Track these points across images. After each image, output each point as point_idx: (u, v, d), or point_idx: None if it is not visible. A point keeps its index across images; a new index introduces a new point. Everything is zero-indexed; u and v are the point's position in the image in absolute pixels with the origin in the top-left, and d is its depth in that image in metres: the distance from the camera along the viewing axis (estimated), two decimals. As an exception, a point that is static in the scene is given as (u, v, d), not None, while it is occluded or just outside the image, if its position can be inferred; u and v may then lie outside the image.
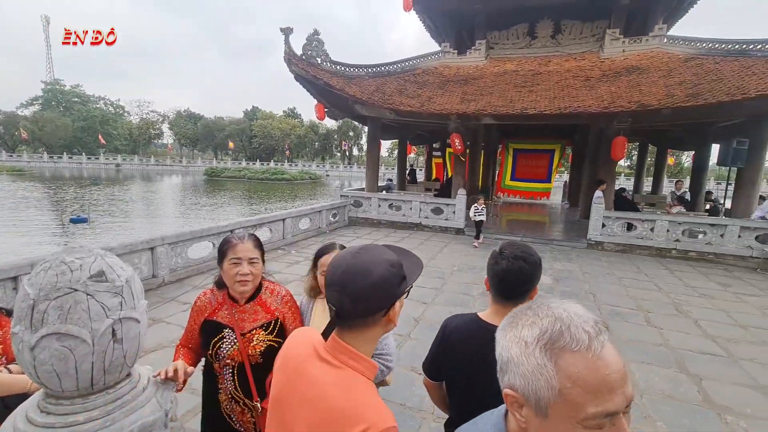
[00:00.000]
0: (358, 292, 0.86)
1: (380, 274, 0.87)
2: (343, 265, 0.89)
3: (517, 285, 1.39)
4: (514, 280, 1.38)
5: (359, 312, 0.88)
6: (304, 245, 9.26)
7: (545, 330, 0.63)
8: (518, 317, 0.68)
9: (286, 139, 73.77)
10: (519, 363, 0.63)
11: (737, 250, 8.85)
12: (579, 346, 0.60)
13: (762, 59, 8.98)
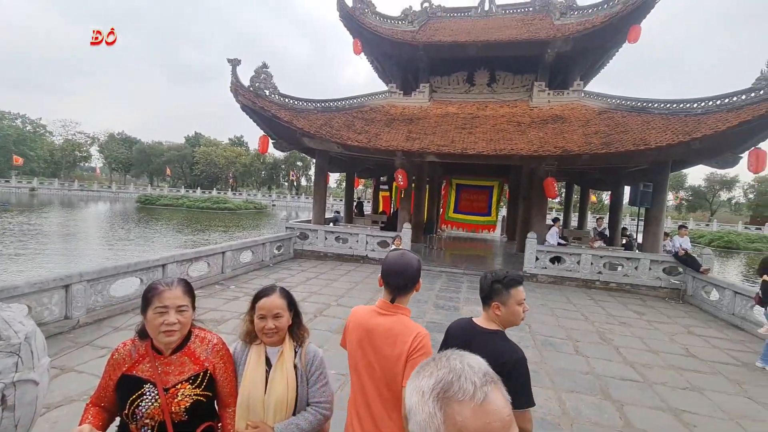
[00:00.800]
0: (410, 275, 1.68)
1: (416, 265, 1.71)
2: (399, 262, 1.69)
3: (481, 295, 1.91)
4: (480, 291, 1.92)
5: (409, 286, 1.69)
6: (245, 280, 8.83)
7: (439, 380, 0.66)
8: (423, 367, 0.72)
9: (230, 167, 71.41)
10: (416, 412, 0.66)
11: (649, 281, 9.89)
12: (464, 396, 0.63)
13: (659, 116, 10.51)
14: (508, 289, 1.79)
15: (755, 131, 8.72)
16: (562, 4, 13.59)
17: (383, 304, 1.70)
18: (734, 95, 9.32)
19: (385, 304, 1.70)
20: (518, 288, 1.82)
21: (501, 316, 1.81)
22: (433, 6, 15.79)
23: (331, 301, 7.41)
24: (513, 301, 1.79)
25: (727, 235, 38.51)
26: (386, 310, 1.68)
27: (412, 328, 1.59)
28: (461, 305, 7.68)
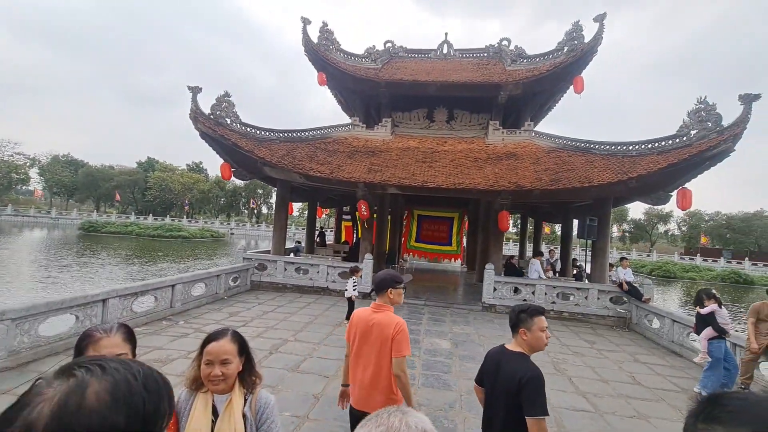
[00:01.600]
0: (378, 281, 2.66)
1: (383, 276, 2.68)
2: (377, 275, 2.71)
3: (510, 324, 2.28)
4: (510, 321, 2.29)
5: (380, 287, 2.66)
6: (196, 314, 8.33)
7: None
8: (366, 421, 0.73)
9: (187, 194, 68.59)
10: None
11: (598, 310, 10.40)
12: None
13: (600, 156, 11.46)
14: (532, 317, 2.17)
15: (682, 172, 9.70)
16: (512, 52, 14.79)
17: (374, 305, 2.68)
18: (663, 140, 10.40)
19: (375, 304, 2.68)
20: (540, 317, 2.18)
21: (527, 341, 2.17)
22: (395, 46, 16.61)
23: (288, 336, 7.12)
24: (536, 328, 2.15)
25: (665, 264, 41.62)
26: (377, 309, 2.65)
27: (393, 319, 2.57)
28: (421, 338, 7.65)
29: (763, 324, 5.68)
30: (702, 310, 6.00)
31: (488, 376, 2.26)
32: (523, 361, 2.10)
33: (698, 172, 9.83)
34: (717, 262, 51.93)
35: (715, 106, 9.60)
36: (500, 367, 2.16)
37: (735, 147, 9.08)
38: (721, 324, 5.78)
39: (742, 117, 8.97)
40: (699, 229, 64.55)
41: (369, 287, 11.21)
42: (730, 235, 63.40)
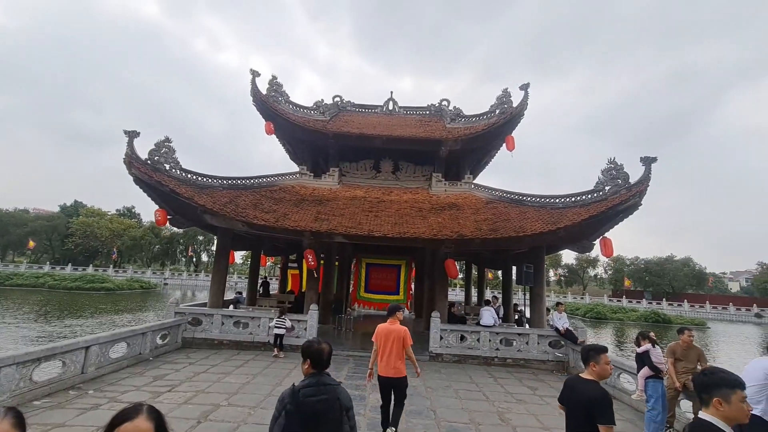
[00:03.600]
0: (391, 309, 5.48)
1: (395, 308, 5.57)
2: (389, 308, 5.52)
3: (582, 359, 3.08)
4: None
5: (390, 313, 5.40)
6: (112, 380, 7.35)
7: None
8: None
9: (115, 241, 62.91)
10: None
11: (539, 355, 10.74)
12: None
13: (532, 207, 12.44)
14: (599, 354, 2.94)
15: (601, 223, 10.79)
16: (452, 111, 16.11)
17: (390, 321, 5.20)
18: (583, 194, 11.59)
19: (390, 321, 5.20)
20: (605, 354, 2.97)
21: (596, 371, 2.91)
22: (343, 101, 17.39)
23: (221, 401, 6.48)
24: (603, 362, 2.92)
25: (596, 306, 44.64)
26: (391, 323, 5.16)
27: (402, 329, 5.12)
28: (367, 393, 7.35)
29: (679, 363, 6.20)
30: (638, 350, 6.46)
31: (567, 397, 3.01)
32: (595, 386, 2.83)
33: (614, 223, 10.99)
34: (640, 303, 56.70)
35: (622, 166, 11.01)
36: (576, 391, 2.89)
37: (642, 202, 10.35)
38: (656, 363, 6.14)
39: (645, 176, 10.33)
40: (622, 273, 70.74)
41: (314, 340, 10.70)
42: (648, 278, 70.16)
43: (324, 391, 2.49)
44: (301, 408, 2.39)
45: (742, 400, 2.07)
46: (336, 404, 2.50)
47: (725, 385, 2.10)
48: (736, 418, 2.06)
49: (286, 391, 2.49)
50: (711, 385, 2.13)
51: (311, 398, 2.43)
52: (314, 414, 2.39)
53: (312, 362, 2.59)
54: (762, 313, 52.60)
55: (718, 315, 53.27)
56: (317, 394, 2.45)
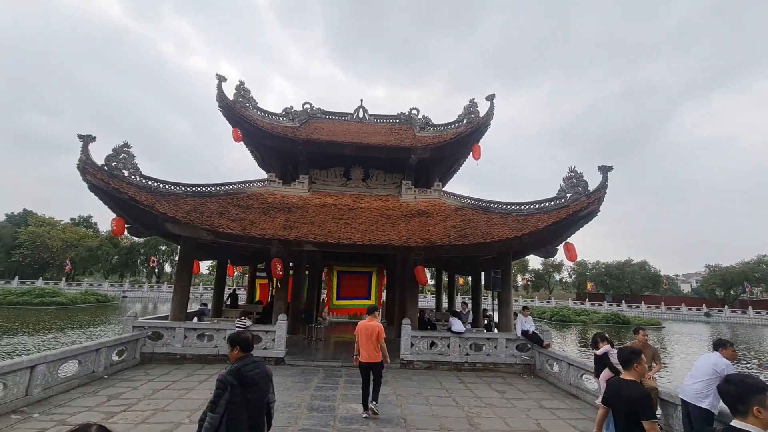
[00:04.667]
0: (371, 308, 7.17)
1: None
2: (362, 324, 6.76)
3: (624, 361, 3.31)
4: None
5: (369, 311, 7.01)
6: (61, 401, 6.83)
7: None
8: None
9: (69, 252, 59.13)
10: None
11: (507, 358, 10.95)
12: None
13: (499, 214, 12.78)
14: (639, 356, 3.22)
15: (563, 229, 11.23)
16: (421, 120, 16.38)
17: (368, 319, 6.74)
18: (547, 201, 12.04)
19: (369, 318, 6.77)
20: (642, 356, 3.24)
21: (638, 372, 3.19)
22: (313, 108, 17.29)
23: (182, 419, 6.16)
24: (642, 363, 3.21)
25: (561, 310, 46.20)
26: (370, 320, 6.67)
27: (378, 325, 6.62)
28: (338, 404, 7.21)
29: (635, 362, 6.48)
30: (597, 352, 6.63)
31: (612, 398, 3.27)
32: (636, 385, 3.11)
33: (576, 229, 11.47)
34: (602, 305, 59.31)
35: (582, 174, 11.54)
36: (621, 391, 3.12)
37: (600, 208, 10.87)
38: (614, 363, 6.21)
39: (602, 183, 10.88)
40: (585, 277, 73.83)
41: (283, 351, 10.44)
42: (609, 281, 73.59)
43: (257, 366, 3.31)
44: (244, 381, 3.11)
45: None
46: (266, 375, 3.36)
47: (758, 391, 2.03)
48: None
49: (224, 374, 3.10)
50: (745, 393, 2.05)
51: (251, 372, 3.19)
52: (254, 383, 3.18)
53: (241, 348, 3.31)
54: (711, 312, 56.30)
55: (672, 315, 56.52)
56: (254, 369, 3.24)
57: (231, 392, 3.01)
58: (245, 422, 3.06)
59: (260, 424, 3.25)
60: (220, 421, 2.96)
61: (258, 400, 3.20)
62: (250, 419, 3.10)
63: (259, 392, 3.20)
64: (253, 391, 3.14)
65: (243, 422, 3.05)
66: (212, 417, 2.96)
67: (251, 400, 3.12)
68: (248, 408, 3.10)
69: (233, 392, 3.02)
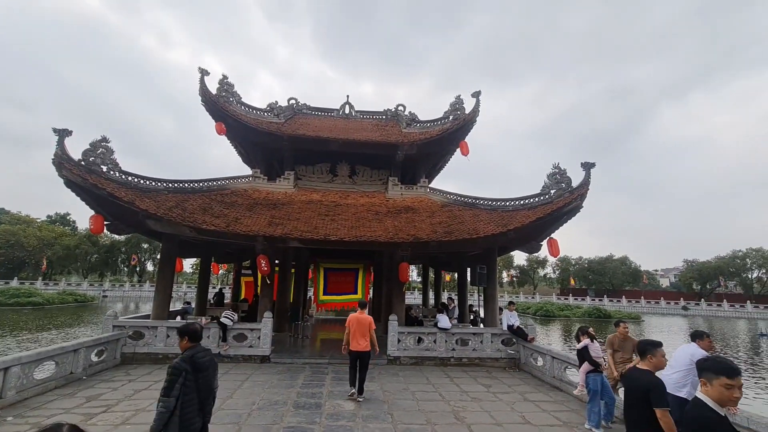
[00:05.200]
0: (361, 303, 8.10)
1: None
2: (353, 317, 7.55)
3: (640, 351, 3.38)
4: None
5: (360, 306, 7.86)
6: (37, 404, 6.61)
7: None
8: None
9: (45, 251, 57.31)
10: None
11: (492, 353, 11.07)
12: None
13: (485, 210, 12.88)
14: (656, 348, 3.28)
15: (547, 225, 11.38)
16: (407, 116, 16.36)
17: (359, 312, 7.54)
18: (531, 197, 12.17)
19: (360, 311, 7.56)
20: (661, 348, 3.30)
21: (653, 363, 3.25)
22: (299, 103, 17.09)
23: (164, 419, 6.02)
24: (659, 355, 3.25)
25: (545, 305, 47.06)
26: (361, 314, 7.47)
27: (369, 317, 7.51)
28: (324, 401, 7.17)
29: (617, 354, 6.63)
30: (578, 346, 6.77)
31: (626, 386, 3.36)
32: (650, 375, 3.18)
33: (560, 225, 11.64)
34: (584, 300, 60.59)
35: (566, 170, 11.71)
36: (634, 379, 3.21)
37: (583, 204, 11.05)
38: (594, 357, 6.44)
39: (585, 180, 11.06)
40: (568, 273, 75.29)
41: (268, 349, 10.33)
42: (591, 276, 75.21)
43: (207, 354, 3.66)
44: (197, 367, 3.44)
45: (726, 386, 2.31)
46: (214, 362, 3.73)
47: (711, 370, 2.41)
48: (719, 402, 2.32)
49: (178, 361, 3.39)
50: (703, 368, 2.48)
51: (203, 359, 3.53)
52: (205, 368, 3.53)
53: (190, 338, 3.59)
54: (688, 305, 58.14)
55: (651, 309, 58.13)
56: (205, 356, 3.59)
57: (185, 377, 3.29)
58: (196, 404, 3.37)
59: (209, 407, 3.59)
60: (175, 404, 3.22)
61: (207, 385, 3.53)
62: (200, 402, 3.42)
63: (208, 377, 3.55)
64: (204, 377, 3.48)
65: (194, 404, 3.35)
66: (167, 401, 3.20)
67: (202, 384, 3.45)
68: (199, 392, 3.41)
69: (187, 377, 3.30)
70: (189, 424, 3.28)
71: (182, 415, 3.25)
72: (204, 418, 3.51)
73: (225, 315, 10.61)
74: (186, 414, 3.27)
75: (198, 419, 3.38)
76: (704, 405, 2.36)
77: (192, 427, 3.31)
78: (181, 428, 3.23)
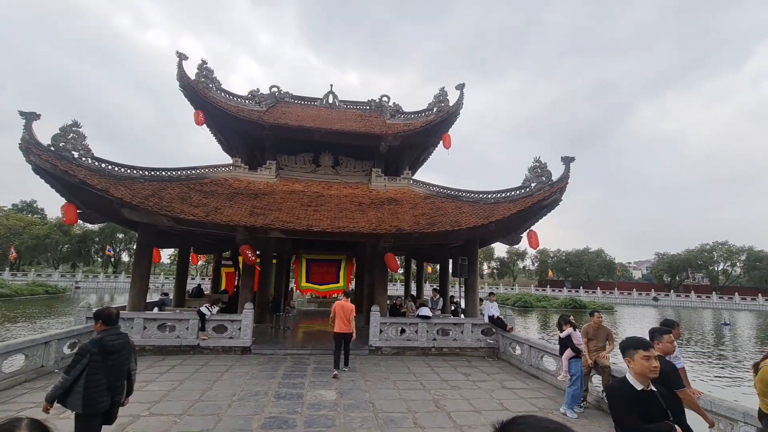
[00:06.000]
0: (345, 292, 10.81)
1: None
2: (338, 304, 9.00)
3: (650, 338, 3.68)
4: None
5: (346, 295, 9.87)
6: (6, 398, 6.39)
7: None
8: None
9: (13, 240, 54.90)
10: None
11: (472, 343, 11.29)
12: None
13: (467, 203, 13.01)
14: (662, 335, 3.70)
15: (527, 218, 11.60)
16: (392, 107, 16.27)
17: (344, 300, 9.01)
18: (512, 190, 12.36)
19: (344, 299, 9.03)
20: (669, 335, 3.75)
21: (660, 348, 3.48)
22: (281, 91, 16.75)
23: (141, 411, 5.93)
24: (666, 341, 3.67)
25: (524, 296, 48.20)
26: (345, 301, 8.84)
27: (352, 305, 8.89)
28: (305, 391, 7.17)
29: (591, 342, 6.87)
30: (561, 335, 7.00)
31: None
32: (663, 360, 3.23)
33: (539, 217, 11.88)
34: (562, 291, 62.35)
35: (546, 164, 11.91)
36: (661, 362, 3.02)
37: (562, 198, 11.30)
38: (577, 344, 6.75)
39: (565, 174, 11.29)
40: (546, 264, 77.17)
41: (249, 340, 10.24)
42: (569, 268, 77.31)
43: (120, 336, 3.86)
44: (105, 348, 3.63)
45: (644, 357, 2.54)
46: (128, 344, 3.92)
47: (632, 345, 2.64)
48: (642, 374, 2.53)
49: (86, 342, 3.65)
50: (624, 348, 2.69)
51: (113, 342, 3.72)
52: (115, 350, 3.71)
53: (104, 321, 3.78)
54: (658, 297, 60.63)
55: (624, 300, 60.33)
56: (116, 339, 3.79)
57: (91, 358, 3.52)
58: (104, 384, 3.58)
59: (119, 387, 3.80)
60: (75, 381, 3.49)
61: (118, 367, 3.75)
62: (108, 382, 3.62)
63: (119, 359, 3.76)
64: (114, 358, 3.68)
65: (102, 384, 3.56)
66: (65, 378, 3.51)
67: (111, 365, 3.66)
68: (108, 372, 3.62)
69: (94, 358, 3.53)
70: (93, 402, 3.52)
71: (86, 393, 3.48)
72: (114, 397, 3.71)
73: (205, 306, 10.60)
74: (90, 392, 3.49)
75: (105, 398, 3.60)
76: (624, 380, 2.62)
77: (97, 405, 3.54)
78: (84, 404, 3.48)
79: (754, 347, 21.84)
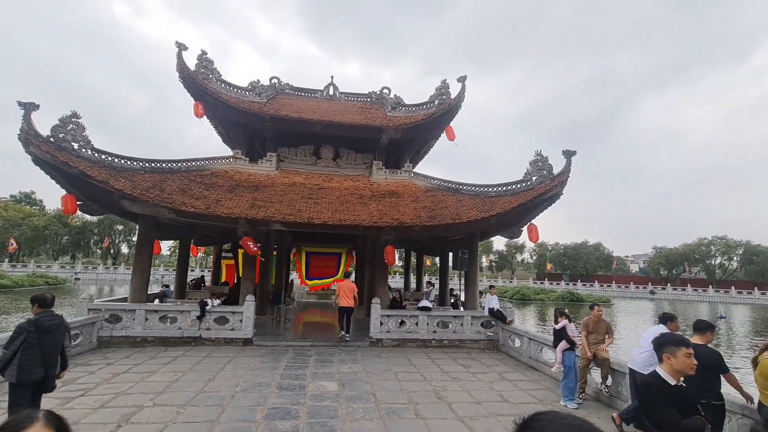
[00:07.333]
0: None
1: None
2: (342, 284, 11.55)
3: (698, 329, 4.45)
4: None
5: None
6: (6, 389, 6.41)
7: None
8: None
9: (12, 231, 54.78)
10: None
11: (472, 335, 11.37)
12: None
13: (467, 196, 13.01)
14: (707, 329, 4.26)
15: (528, 211, 11.62)
16: (392, 99, 16.17)
17: (348, 281, 11.82)
18: (513, 183, 12.35)
19: (347, 280, 12.11)
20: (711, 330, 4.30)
21: (706, 338, 4.20)
22: (281, 83, 16.62)
23: (145, 402, 5.98)
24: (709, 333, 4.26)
25: (522, 289, 48.47)
26: (348, 282, 11.38)
27: (353, 284, 11.30)
28: (308, 382, 7.24)
29: (590, 335, 6.93)
30: (556, 326, 7.07)
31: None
32: (708, 348, 4.02)
33: (540, 211, 11.90)
34: (559, 284, 62.73)
35: (547, 158, 11.90)
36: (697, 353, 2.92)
37: (563, 191, 11.31)
38: (571, 336, 6.84)
39: (566, 167, 11.28)
40: (545, 258, 77.47)
41: (251, 332, 10.30)
42: (567, 261, 77.62)
43: (55, 318, 4.43)
44: (40, 328, 4.17)
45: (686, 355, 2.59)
46: (63, 325, 4.50)
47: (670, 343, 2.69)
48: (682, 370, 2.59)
49: (22, 322, 4.19)
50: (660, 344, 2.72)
51: (48, 323, 4.27)
52: (49, 330, 4.25)
53: (39, 305, 4.39)
54: (655, 290, 61.02)
55: (621, 293, 60.74)
56: (51, 320, 4.34)
57: (27, 336, 4.06)
58: (38, 358, 4.11)
59: (53, 362, 4.32)
60: (13, 356, 4.01)
61: (52, 345, 4.28)
62: (43, 357, 4.15)
63: (54, 338, 4.30)
64: (48, 337, 4.22)
65: (36, 358, 4.09)
66: (4, 353, 4.10)
67: (45, 343, 4.19)
68: (42, 349, 4.15)
69: (30, 336, 4.08)
70: (27, 373, 4.07)
71: (20, 365, 4.02)
72: (48, 370, 4.23)
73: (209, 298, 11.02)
74: (25, 365, 4.04)
75: (39, 370, 4.13)
76: (657, 375, 2.65)
77: (30, 376, 4.09)
78: (18, 374, 4.03)
79: (745, 339, 22.07)
